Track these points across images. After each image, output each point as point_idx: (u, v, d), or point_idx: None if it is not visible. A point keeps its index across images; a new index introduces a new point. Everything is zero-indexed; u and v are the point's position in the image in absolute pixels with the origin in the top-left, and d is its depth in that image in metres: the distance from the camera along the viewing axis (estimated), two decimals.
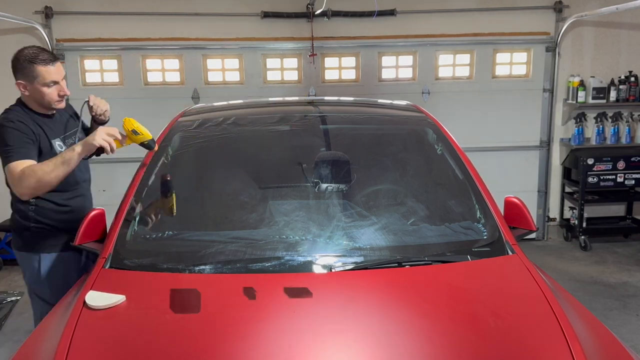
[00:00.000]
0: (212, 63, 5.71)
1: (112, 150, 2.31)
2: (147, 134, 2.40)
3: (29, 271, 2.57)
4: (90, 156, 2.48)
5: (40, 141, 2.44)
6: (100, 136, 2.28)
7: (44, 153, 2.43)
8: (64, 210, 2.57)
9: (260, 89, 5.68)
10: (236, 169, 2.57)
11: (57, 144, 2.53)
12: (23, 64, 2.42)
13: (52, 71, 2.43)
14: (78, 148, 2.29)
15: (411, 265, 1.94)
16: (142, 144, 2.43)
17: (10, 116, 2.44)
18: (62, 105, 2.56)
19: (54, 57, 2.48)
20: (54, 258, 2.55)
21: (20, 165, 2.28)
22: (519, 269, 1.93)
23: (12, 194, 2.51)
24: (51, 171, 2.27)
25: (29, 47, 2.48)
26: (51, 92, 2.46)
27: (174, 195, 2.34)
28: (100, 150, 2.37)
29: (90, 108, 2.68)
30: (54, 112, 2.59)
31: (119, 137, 2.37)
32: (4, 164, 2.32)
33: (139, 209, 2.23)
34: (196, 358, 1.48)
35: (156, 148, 2.46)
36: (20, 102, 2.54)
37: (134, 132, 2.38)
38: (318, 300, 1.73)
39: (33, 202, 2.49)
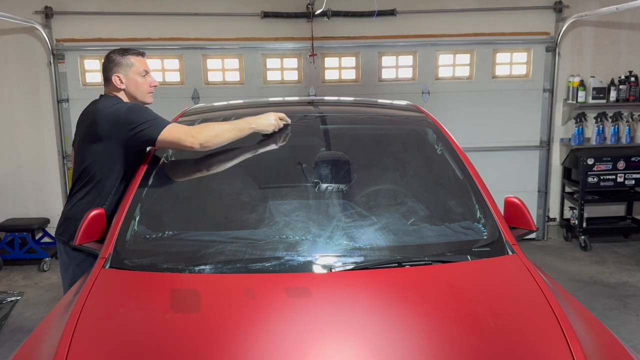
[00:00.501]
0: (212, 63, 5.71)
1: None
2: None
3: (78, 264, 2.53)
4: None
5: None
6: (275, 122, 2.46)
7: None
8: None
9: (260, 89, 5.68)
10: (236, 168, 2.57)
11: None
12: (117, 58, 2.57)
13: (143, 61, 2.64)
14: (254, 124, 2.43)
15: (411, 265, 1.94)
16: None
17: (123, 102, 2.53)
18: (151, 99, 2.68)
19: (140, 50, 2.69)
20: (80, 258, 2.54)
21: (179, 125, 2.41)
22: (519, 269, 1.93)
23: (81, 186, 2.50)
24: (227, 131, 2.39)
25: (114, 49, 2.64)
26: (144, 83, 2.61)
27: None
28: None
29: None
30: None
31: (288, 120, 2.53)
32: (161, 129, 2.36)
33: (139, 209, 2.23)
34: (196, 358, 1.48)
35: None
36: (115, 97, 2.59)
37: None
38: (318, 300, 1.73)
39: (109, 198, 2.48)
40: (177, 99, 5.45)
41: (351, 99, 3.74)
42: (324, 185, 2.35)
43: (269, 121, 2.45)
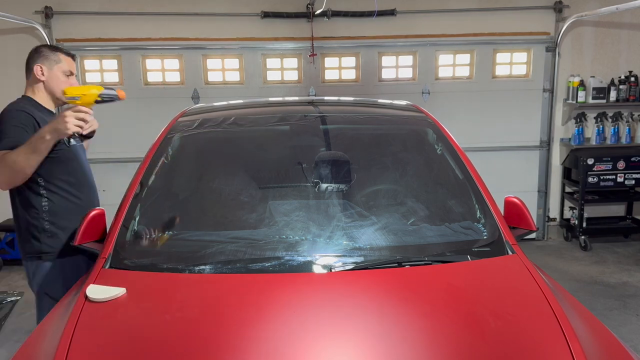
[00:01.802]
0: (212, 63, 5.71)
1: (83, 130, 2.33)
2: (91, 91, 2.36)
3: (40, 276, 2.49)
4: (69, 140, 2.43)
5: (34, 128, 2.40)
6: (72, 122, 2.26)
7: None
8: (76, 204, 2.53)
9: (260, 89, 5.68)
10: (236, 168, 2.57)
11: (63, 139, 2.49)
12: (46, 51, 2.54)
13: (71, 62, 2.62)
14: (48, 135, 2.25)
15: (411, 265, 1.94)
16: (103, 101, 2.38)
17: (16, 104, 2.47)
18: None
19: (72, 52, 2.68)
20: (70, 260, 2.51)
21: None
22: (519, 269, 1.93)
23: (16, 193, 2.47)
24: (19, 161, 2.24)
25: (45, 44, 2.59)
26: (66, 82, 2.56)
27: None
28: (69, 139, 2.38)
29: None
30: (55, 111, 2.61)
31: (88, 117, 2.34)
32: None
33: (139, 209, 2.23)
34: (196, 358, 1.48)
35: (122, 95, 2.43)
36: (26, 97, 2.56)
37: (75, 97, 2.36)
38: (318, 300, 1.73)
39: (46, 196, 2.45)
40: (177, 99, 5.46)
41: (351, 99, 3.74)
42: (324, 185, 2.35)
43: (65, 125, 2.25)
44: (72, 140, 2.40)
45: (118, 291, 1.76)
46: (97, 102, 2.39)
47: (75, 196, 2.54)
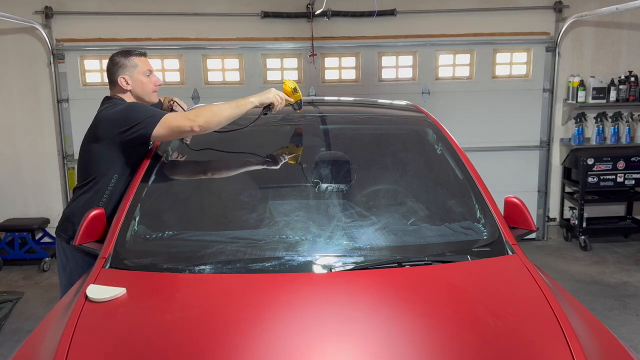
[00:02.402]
0: (212, 63, 5.71)
1: (275, 108, 2.52)
2: (300, 94, 2.64)
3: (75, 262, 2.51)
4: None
5: None
6: (275, 94, 2.50)
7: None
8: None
9: (260, 89, 5.63)
10: (236, 168, 2.57)
11: None
12: (121, 60, 2.59)
13: (146, 61, 2.66)
14: (252, 98, 2.46)
15: (411, 265, 1.94)
16: (294, 104, 2.65)
17: (121, 101, 2.55)
18: (157, 98, 2.71)
19: (142, 51, 2.71)
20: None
21: (176, 112, 2.49)
22: (519, 269, 1.93)
23: (81, 184, 2.50)
24: (225, 110, 2.39)
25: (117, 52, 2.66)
26: (149, 82, 2.63)
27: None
28: (266, 108, 2.52)
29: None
30: None
31: (290, 99, 2.60)
32: (155, 124, 2.36)
33: (139, 209, 2.23)
34: (196, 358, 1.48)
35: (300, 110, 2.70)
36: (119, 98, 2.60)
37: (295, 90, 2.61)
38: (318, 300, 1.73)
39: (105, 196, 2.46)
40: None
41: (351, 99, 3.74)
42: (324, 185, 2.35)
43: (268, 95, 2.48)
44: (267, 112, 2.55)
45: (118, 291, 1.76)
46: (295, 102, 2.65)
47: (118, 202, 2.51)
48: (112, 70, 2.61)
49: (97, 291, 1.77)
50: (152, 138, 2.40)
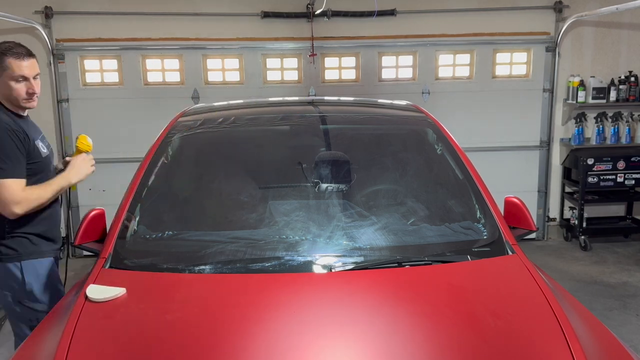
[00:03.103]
0: (212, 63, 5.71)
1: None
2: (88, 142, 2.69)
3: (8, 283, 2.41)
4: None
5: (31, 144, 2.39)
6: (87, 169, 2.59)
7: (30, 154, 2.37)
8: (43, 217, 2.46)
9: (260, 89, 5.68)
10: (236, 169, 2.57)
11: (40, 144, 2.47)
12: None
13: (22, 66, 2.33)
14: (73, 179, 2.52)
15: (411, 265, 1.94)
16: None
17: (2, 118, 2.34)
18: (33, 104, 2.44)
19: (28, 52, 2.39)
20: (37, 264, 2.44)
21: (18, 184, 2.30)
22: (519, 269, 1.93)
23: None
24: (51, 198, 2.42)
25: (5, 41, 2.39)
26: (19, 88, 2.35)
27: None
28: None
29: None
30: (26, 113, 2.51)
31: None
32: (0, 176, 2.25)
33: (139, 209, 2.23)
34: (196, 358, 1.48)
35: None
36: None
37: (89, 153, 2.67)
38: (318, 300, 1.73)
39: None
40: (177, 99, 5.45)
41: (351, 99, 3.74)
42: (324, 185, 2.35)
43: (84, 171, 2.57)
44: None
45: (118, 291, 1.76)
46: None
47: (42, 211, 2.45)
48: None
49: (97, 291, 1.77)
50: None
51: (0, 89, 2.36)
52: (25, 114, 2.50)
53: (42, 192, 2.38)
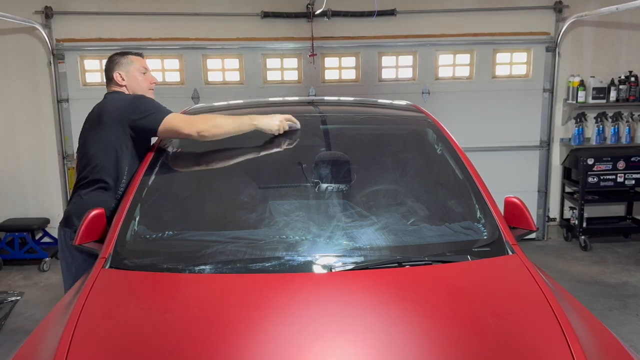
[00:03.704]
0: (212, 63, 5.71)
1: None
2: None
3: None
4: None
5: None
6: (280, 123, 2.47)
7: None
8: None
9: (260, 89, 5.68)
10: (236, 168, 2.57)
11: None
12: (118, 58, 2.73)
13: (142, 60, 2.79)
14: (257, 122, 2.44)
15: (411, 265, 1.94)
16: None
17: (125, 94, 2.66)
18: (152, 96, 2.76)
19: (139, 52, 2.86)
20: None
21: (177, 114, 2.49)
22: (519, 269, 1.93)
23: (80, 186, 2.53)
24: (227, 124, 2.42)
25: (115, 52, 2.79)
26: (144, 80, 2.75)
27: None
28: None
29: None
30: None
31: (297, 123, 2.54)
32: (163, 116, 2.44)
33: (139, 209, 2.23)
34: (196, 358, 1.48)
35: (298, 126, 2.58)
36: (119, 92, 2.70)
37: None
38: (318, 300, 1.73)
39: (121, 188, 2.51)
40: (177, 99, 5.45)
41: (351, 99, 3.74)
42: (324, 185, 2.35)
43: (273, 122, 2.46)
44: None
45: None
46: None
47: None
48: (109, 67, 2.73)
49: None
50: (158, 132, 2.46)
51: (129, 83, 2.71)
52: None
53: (219, 116, 2.49)
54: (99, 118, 2.55)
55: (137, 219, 2.19)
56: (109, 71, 2.72)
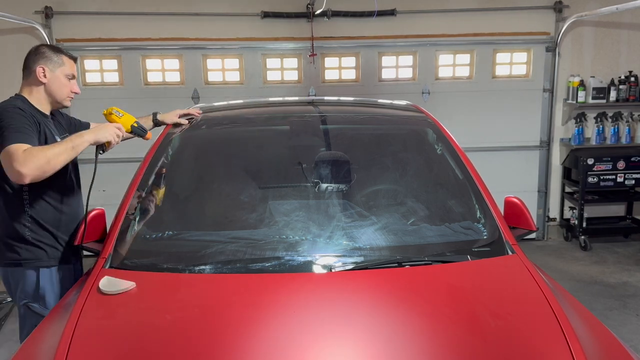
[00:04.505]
0: (212, 63, 5.71)
1: (110, 145, 2.33)
2: (129, 115, 2.46)
3: (22, 287, 2.35)
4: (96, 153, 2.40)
5: (40, 132, 2.32)
6: (113, 131, 2.31)
7: (39, 140, 2.29)
8: (63, 213, 2.42)
9: (260, 89, 5.68)
10: (236, 168, 2.57)
11: (57, 138, 2.41)
12: (48, 52, 2.44)
13: (74, 66, 2.55)
14: (88, 136, 2.25)
15: (411, 265, 1.94)
16: (132, 131, 2.48)
17: (11, 102, 2.34)
18: (69, 104, 2.58)
19: (74, 55, 2.61)
20: (54, 271, 2.38)
21: (18, 146, 2.11)
22: (519, 269, 1.93)
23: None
24: (60, 154, 2.16)
25: (44, 44, 2.52)
26: (67, 86, 2.50)
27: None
28: (100, 147, 2.32)
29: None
30: (51, 114, 2.53)
31: (123, 133, 2.39)
32: (4, 144, 2.12)
33: (139, 209, 2.23)
34: (196, 358, 1.48)
35: (149, 136, 2.52)
36: (19, 97, 2.43)
37: (117, 113, 2.46)
38: (318, 300, 1.73)
39: (28, 203, 2.33)
40: (177, 99, 5.45)
41: (351, 99, 3.74)
42: (324, 185, 2.35)
43: (105, 133, 2.28)
44: (102, 150, 2.35)
45: (128, 285, 1.78)
46: (134, 129, 2.50)
47: (60, 209, 2.41)
48: (34, 59, 2.42)
49: (109, 284, 1.79)
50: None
51: (50, 83, 2.44)
52: (48, 113, 2.50)
53: (49, 148, 2.17)
54: None
55: (137, 219, 2.19)
56: (30, 60, 2.42)
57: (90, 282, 1.85)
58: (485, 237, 2.13)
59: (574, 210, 5.94)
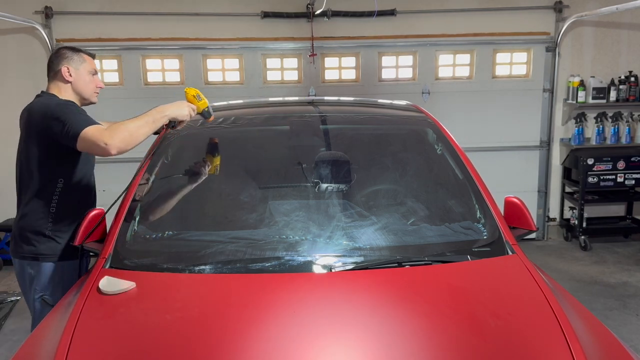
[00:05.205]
0: (212, 63, 5.71)
1: (182, 124, 2.44)
2: (205, 100, 2.52)
3: (38, 280, 2.43)
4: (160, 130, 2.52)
5: None
6: (188, 112, 2.41)
7: None
8: (82, 212, 2.41)
9: (260, 89, 5.68)
10: (236, 168, 2.57)
11: None
12: (68, 52, 2.55)
13: (94, 62, 2.64)
14: (169, 112, 2.34)
15: (411, 265, 1.94)
16: (201, 113, 2.53)
17: (51, 99, 2.45)
18: (96, 99, 2.64)
19: (92, 52, 2.70)
20: (70, 265, 2.43)
21: (97, 127, 2.25)
22: (519, 269, 1.93)
23: (24, 193, 2.52)
24: (141, 127, 2.27)
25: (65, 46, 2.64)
26: (92, 81, 2.58)
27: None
28: (171, 123, 2.41)
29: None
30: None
31: (194, 114, 2.49)
32: (79, 131, 2.22)
33: (139, 208, 2.23)
34: (196, 358, 1.48)
35: (212, 119, 2.57)
36: (50, 94, 2.53)
37: (198, 97, 2.50)
38: (318, 300, 1.73)
39: (55, 203, 2.44)
40: (177, 99, 5.44)
41: (351, 99, 3.74)
42: (324, 185, 2.35)
43: (182, 111, 2.39)
44: (173, 126, 2.43)
45: (128, 285, 1.78)
46: (202, 111, 2.53)
47: (80, 208, 2.45)
48: (57, 61, 2.53)
49: (109, 284, 1.78)
50: (77, 142, 2.25)
51: (75, 81, 2.53)
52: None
53: (130, 122, 2.27)
54: (27, 126, 2.48)
55: (137, 219, 2.19)
56: (55, 64, 2.52)
57: (90, 282, 1.85)
58: (485, 237, 2.13)
59: (574, 210, 5.94)
